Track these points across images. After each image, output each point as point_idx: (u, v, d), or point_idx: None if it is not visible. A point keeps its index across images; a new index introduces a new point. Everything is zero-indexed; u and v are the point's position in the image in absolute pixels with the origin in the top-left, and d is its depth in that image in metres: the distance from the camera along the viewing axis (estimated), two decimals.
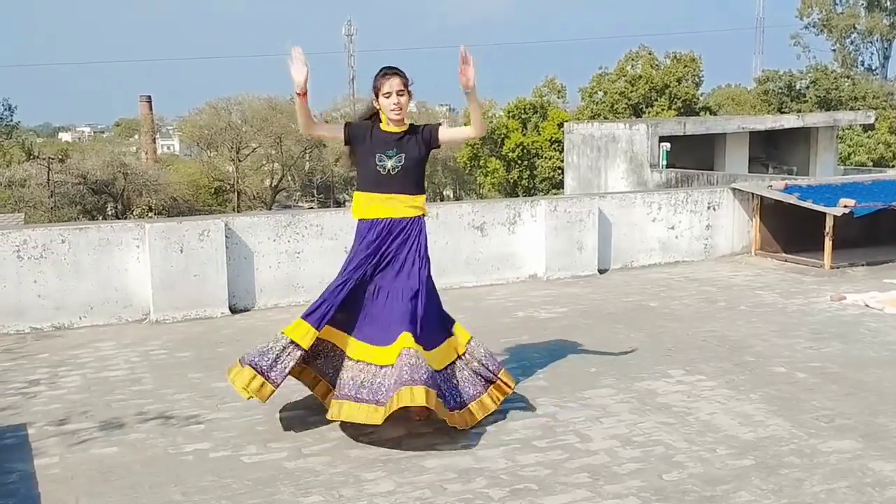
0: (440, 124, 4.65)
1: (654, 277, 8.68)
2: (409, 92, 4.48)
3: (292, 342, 4.32)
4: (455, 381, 4.50)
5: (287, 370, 4.32)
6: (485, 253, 8.35)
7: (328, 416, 4.34)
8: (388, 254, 4.45)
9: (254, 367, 4.28)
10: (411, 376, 4.08)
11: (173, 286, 6.95)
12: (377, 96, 4.49)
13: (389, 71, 4.46)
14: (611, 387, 5.12)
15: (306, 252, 7.55)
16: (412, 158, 4.48)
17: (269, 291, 7.44)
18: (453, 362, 4.56)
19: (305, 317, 4.37)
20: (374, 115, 4.60)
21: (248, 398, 4.33)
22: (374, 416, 4.13)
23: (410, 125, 4.57)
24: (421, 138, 4.52)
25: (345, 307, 4.42)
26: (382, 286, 4.43)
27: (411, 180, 4.49)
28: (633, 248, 9.24)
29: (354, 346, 4.41)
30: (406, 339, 4.25)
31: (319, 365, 4.57)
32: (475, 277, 8.34)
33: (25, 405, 4.93)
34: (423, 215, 4.55)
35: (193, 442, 4.33)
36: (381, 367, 4.28)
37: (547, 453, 4.13)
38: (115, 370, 5.63)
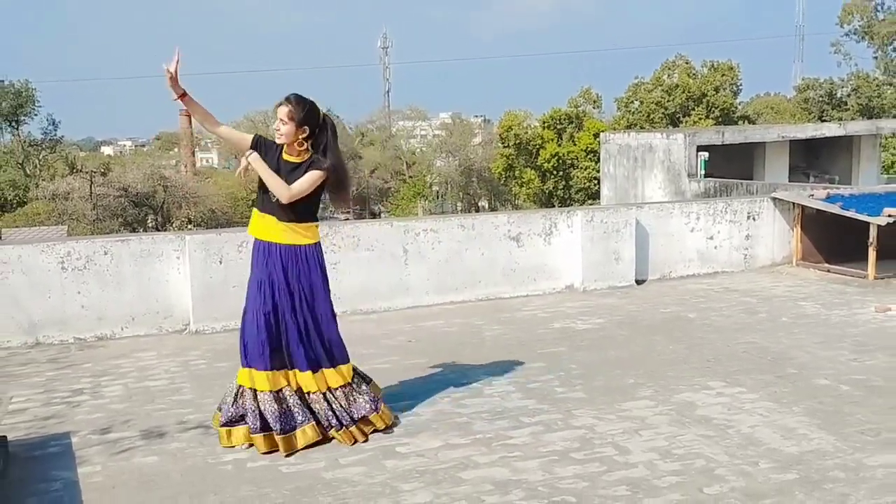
0: (312, 170, 4.42)
1: (693, 288, 8.59)
2: (296, 123, 4.35)
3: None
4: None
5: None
6: (521, 264, 8.33)
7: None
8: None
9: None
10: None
11: (213, 297, 7.03)
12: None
13: (283, 99, 4.41)
14: (649, 399, 5.07)
15: (343, 263, 7.60)
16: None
17: None
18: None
19: None
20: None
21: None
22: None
23: (312, 155, 4.47)
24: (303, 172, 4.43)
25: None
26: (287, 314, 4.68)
27: (291, 209, 4.43)
28: (670, 258, 9.15)
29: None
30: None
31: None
32: (511, 288, 8.32)
33: (70, 414, 5.03)
34: (315, 243, 4.63)
35: (232, 452, 4.37)
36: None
37: (585, 465, 4.10)
38: (156, 380, 5.71)
